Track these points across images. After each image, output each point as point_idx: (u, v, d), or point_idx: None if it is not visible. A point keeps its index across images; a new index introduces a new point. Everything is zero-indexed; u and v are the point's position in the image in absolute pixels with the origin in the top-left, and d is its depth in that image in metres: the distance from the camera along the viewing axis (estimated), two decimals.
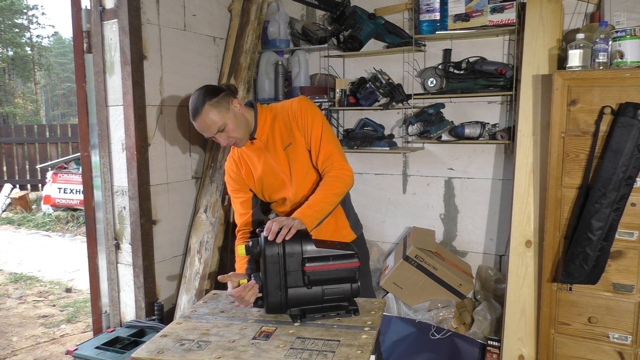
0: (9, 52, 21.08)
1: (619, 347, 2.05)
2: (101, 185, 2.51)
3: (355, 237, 1.91)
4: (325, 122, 1.77)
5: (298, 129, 1.75)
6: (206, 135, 1.71)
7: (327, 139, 1.74)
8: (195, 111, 1.66)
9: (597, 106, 1.97)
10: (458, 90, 2.71)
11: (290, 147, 1.76)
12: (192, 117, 1.69)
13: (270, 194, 1.85)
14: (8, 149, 8.34)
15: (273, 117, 1.78)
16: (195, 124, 1.69)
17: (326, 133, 1.75)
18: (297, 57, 3.05)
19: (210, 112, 1.65)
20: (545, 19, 2.31)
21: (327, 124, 1.78)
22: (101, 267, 2.60)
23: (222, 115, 1.66)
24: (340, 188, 1.69)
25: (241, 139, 1.74)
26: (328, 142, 1.74)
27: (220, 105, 1.67)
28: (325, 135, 1.74)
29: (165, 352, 1.29)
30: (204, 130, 1.69)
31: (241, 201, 1.86)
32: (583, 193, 2.01)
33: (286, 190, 1.80)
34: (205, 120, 1.66)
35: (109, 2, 2.37)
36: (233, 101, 1.71)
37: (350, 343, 1.30)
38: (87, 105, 2.52)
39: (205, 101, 1.66)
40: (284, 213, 1.87)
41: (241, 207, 1.86)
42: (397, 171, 3.12)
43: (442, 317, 2.60)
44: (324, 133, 1.74)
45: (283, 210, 1.88)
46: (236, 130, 1.70)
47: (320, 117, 1.77)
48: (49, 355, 3.01)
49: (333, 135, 1.78)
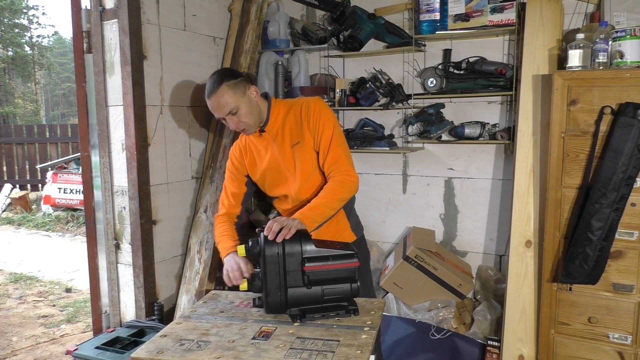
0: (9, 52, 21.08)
1: (619, 347, 2.05)
2: (101, 185, 2.51)
3: (355, 238, 1.92)
4: (337, 126, 1.77)
5: (308, 129, 1.75)
6: (217, 115, 1.71)
7: (337, 143, 1.74)
8: (212, 89, 1.67)
9: (597, 106, 1.97)
10: (458, 90, 2.71)
11: (298, 146, 1.76)
12: (207, 95, 1.68)
13: (272, 188, 1.86)
14: (8, 149, 8.35)
15: (286, 112, 1.79)
16: (209, 102, 1.69)
17: (336, 137, 1.75)
18: (297, 57, 3.05)
19: (226, 92, 1.66)
20: (545, 19, 2.31)
21: (338, 128, 1.78)
22: (101, 267, 2.60)
23: (237, 98, 1.67)
24: (344, 194, 1.69)
25: (251, 126, 1.74)
26: (337, 146, 1.74)
27: (237, 88, 1.68)
28: (335, 139, 1.74)
29: (165, 352, 1.29)
30: (216, 109, 1.69)
31: (232, 192, 1.88)
32: (583, 193, 2.01)
33: (288, 187, 1.81)
34: (220, 100, 1.66)
35: (109, 2, 2.37)
36: (250, 87, 1.72)
37: (350, 343, 1.30)
38: (87, 105, 2.52)
39: (223, 81, 1.66)
40: (286, 211, 1.87)
41: (232, 198, 1.88)
42: (397, 171, 3.12)
43: (442, 317, 2.60)
44: (334, 137, 1.74)
45: (285, 207, 1.88)
46: (248, 116, 1.70)
47: (333, 121, 1.76)
48: (49, 355, 3.01)
49: (343, 140, 1.78)
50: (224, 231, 1.81)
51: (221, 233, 1.81)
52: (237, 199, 1.89)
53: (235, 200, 1.88)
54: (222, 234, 1.81)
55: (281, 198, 1.88)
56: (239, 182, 1.88)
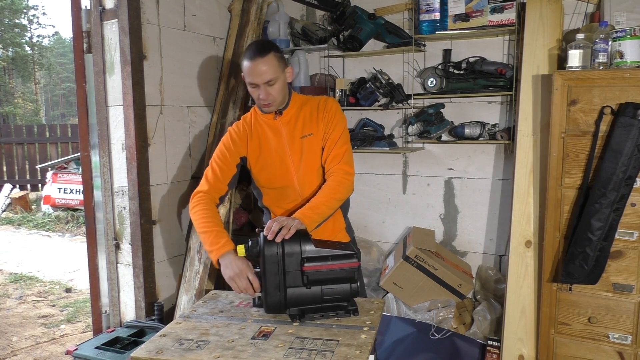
0: (9, 52, 21.08)
1: (619, 347, 2.05)
2: (101, 185, 2.51)
3: (349, 239, 1.93)
4: (346, 128, 1.82)
5: (322, 123, 1.77)
6: (254, 80, 1.64)
7: (343, 141, 1.78)
8: (259, 52, 1.63)
9: (597, 106, 1.96)
10: (458, 90, 2.71)
11: (309, 138, 1.77)
12: (251, 56, 1.63)
13: (270, 177, 1.80)
14: (8, 149, 8.35)
15: (302, 104, 1.81)
16: (251, 64, 1.63)
17: (344, 137, 1.79)
18: (297, 57, 3.05)
19: (273, 61, 1.65)
20: (545, 19, 2.31)
21: (347, 130, 1.83)
22: (101, 267, 2.60)
23: (278, 71, 1.67)
24: (343, 194, 1.71)
25: (276, 104, 1.73)
26: (343, 144, 1.77)
27: (281, 61, 1.69)
28: (342, 138, 1.78)
29: (165, 351, 1.29)
30: (256, 74, 1.63)
31: (222, 168, 1.76)
32: (583, 193, 2.01)
33: (290, 177, 1.78)
34: (265, 66, 1.63)
35: (109, 2, 2.38)
36: (288, 67, 1.73)
37: (349, 343, 1.30)
38: (87, 105, 2.52)
39: (272, 49, 1.66)
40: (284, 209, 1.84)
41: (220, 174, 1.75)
42: (397, 171, 3.12)
43: (442, 317, 2.60)
44: (342, 136, 1.78)
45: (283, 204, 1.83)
46: (280, 92, 1.70)
47: (344, 122, 1.82)
48: (49, 355, 3.01)
49: (348, 141, 1.81)
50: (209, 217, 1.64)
51: (206, 219, 1.63)
52: (225, 177, 1.76)
53: (224, 177, 1.75)
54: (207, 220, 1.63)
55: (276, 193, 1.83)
56: (232, 161, 1.78)
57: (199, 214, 1.66)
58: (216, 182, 1.75)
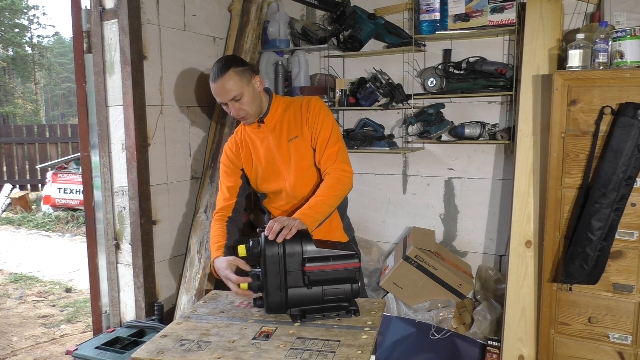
0: (9, 52, 21.06)
1: (619, 347, 2.05)
2: (101, 185, 2.51)
3: (347, 239, 1.93)
4: (335, 124, 1.80)
5: (307, 125, 1.77)
6: (220, 99, 1.72)
7: (335, 139, 1.77)
8: (218, 73, 1.68)
9: (597, 106, 1.97)
10: (458, 90, 2.71)
11: (295, 140, 1.78)
12: (212, 78, 1.69)
13: (264, 182, 1.85)
14: (8, 149, 8.35)
15: (285, 107, 1.82)
16: (214, 86, 1.70)
17: (334, 134, 1.78)
18: (297, 57, 3.05)
19: (232, 78, 1.67)
20: (545, 19, 2.31)
21: (336, 126, 1.81)
22: (101, 267, 2.60)
23: (242, 85, 1.69)
24: (342, 190, 1.71)
25: (251, 115, 1.76)
26: (335, 142, 1.77)
27: (243, 75, 1.70)
28: (333, 136, 1.77)
29: (165, 352, 1.29)
30: (220, 94, 1.70)
31: (228, 186, 1.88)
32: (583, 193, 2.01)
33: (282, 181, 1.81)
34: (226, 84, 1.67)
35: (109, 2, 2.37)
36: (255, 77, 1.75)
37: (351, 343, 1.30)
38: (87, 105, 2.52)
39: (230, 66, 1.68)
40: (278, 209, 1.87)
41: (227, 192, 1.88)
42: (397, 171, 3.12)
43: (442, 317, 2.60)
44: (333, 134, 1.77)
45: (277, 205, 1.88)
46: (250, 104, 1.72)
47: (331, 119, 1.80)
48: (49, 355, 3.01)
49: (340, 138, 1.81)
50: (213, 232, 1.82)
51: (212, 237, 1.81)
52: (232, 192, 1.88)
53: (231, 193, 1.87)
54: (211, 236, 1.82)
55: (272, 196, 1.88)
56: (234, 176, 1.88)
57: (210, 233, 1.84)
58: (225, 200, 1.87)
